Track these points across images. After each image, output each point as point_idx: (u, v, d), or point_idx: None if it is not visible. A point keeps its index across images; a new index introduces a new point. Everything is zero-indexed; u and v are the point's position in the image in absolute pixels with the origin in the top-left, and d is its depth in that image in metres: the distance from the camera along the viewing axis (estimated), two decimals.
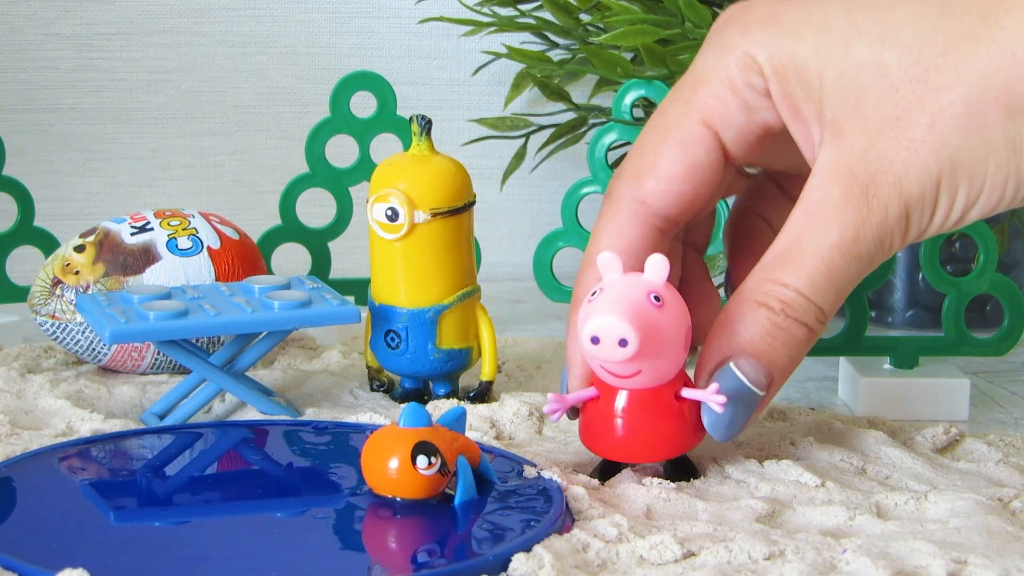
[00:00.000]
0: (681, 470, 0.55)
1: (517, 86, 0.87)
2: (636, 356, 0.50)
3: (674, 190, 0.55)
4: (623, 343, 0.50)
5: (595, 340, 0.50)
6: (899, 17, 0.51)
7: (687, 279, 0.59)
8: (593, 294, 0.51)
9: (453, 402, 0.64)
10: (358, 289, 0.76)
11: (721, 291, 0.62)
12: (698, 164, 0.54)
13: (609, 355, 0.50)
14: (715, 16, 0.74)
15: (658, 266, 0.51)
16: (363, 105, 0.74)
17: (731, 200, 0.62)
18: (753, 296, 0.52)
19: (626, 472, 0.55)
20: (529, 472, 0.54)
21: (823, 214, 0.51)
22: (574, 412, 0.56)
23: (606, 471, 0.55)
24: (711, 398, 0.52)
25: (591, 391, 0.54)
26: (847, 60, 0.51)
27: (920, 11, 0.51)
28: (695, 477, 0.55)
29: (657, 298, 0.51)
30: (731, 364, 0.52)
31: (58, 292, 0.67)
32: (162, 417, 0.62)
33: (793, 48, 0.52)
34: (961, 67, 0.50)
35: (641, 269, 0.52)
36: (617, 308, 0.50)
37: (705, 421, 0.53)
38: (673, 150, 0.54)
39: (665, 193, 0.55)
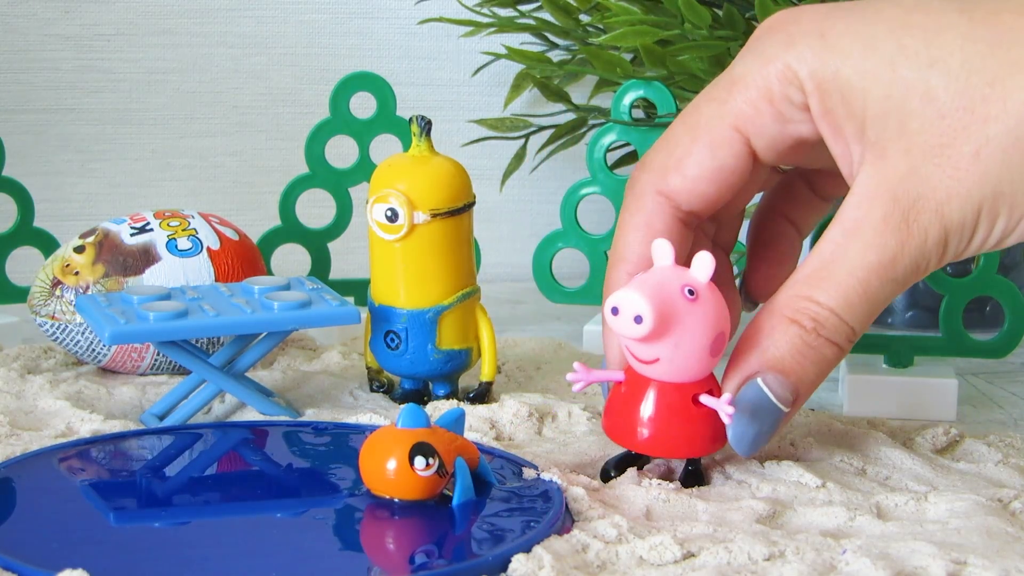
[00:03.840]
0: (691, 478, 0.55)
1: (517, 87, 0.87)
2: (651, 337, 0.51)
3: (699, 189, 0.55)
4: (638, 319, 0.50)
5: (615, 311, 0.51)
6: (948, 42, 0.50)
7: (714, 280, 0.59)
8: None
9: (453, 403, 0.64)
10: (358, 290, 0.76)
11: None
12: (725, 167, 0.54)
13: (624, 329, 0.51)
14: (715, 17, 0.74)
15: (703, 264, 0.52)
16: (363, 106, 0.74)
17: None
18: (784, 311, 0.52)
19: (627, 472, 0.55)
20: (529, 473, 0.54)
21: (862, 234, 0.51)
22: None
23: (621, 465, 0.55)
24: (722, 407, 0.52)
25: (618, 373, 0.54)
26: (893, 82, 0.51)
27: (969, 38, 0.50)
28: (701, 485, 0.55)
29: (691, 292, 0.51)
30: (758, 379, 0.52)
31: (58, 293, 0.67)
32: (162, 418, 0.62)
33: (838, 66, 0.52)
34: (1008, 99, 0.50)
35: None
36: (643, 287, 0.51)
37: (730, 435, 0.53)
38: (702, 151, 0.55)
39: (689, 191, 0.55)
